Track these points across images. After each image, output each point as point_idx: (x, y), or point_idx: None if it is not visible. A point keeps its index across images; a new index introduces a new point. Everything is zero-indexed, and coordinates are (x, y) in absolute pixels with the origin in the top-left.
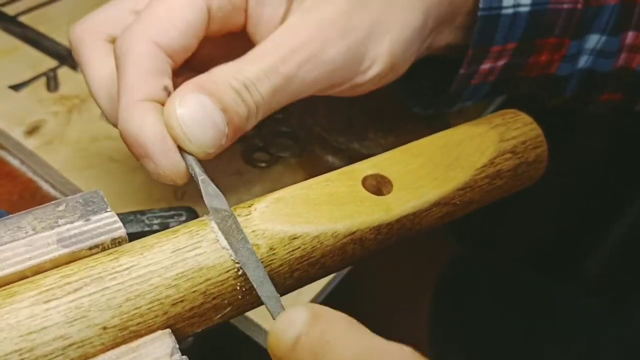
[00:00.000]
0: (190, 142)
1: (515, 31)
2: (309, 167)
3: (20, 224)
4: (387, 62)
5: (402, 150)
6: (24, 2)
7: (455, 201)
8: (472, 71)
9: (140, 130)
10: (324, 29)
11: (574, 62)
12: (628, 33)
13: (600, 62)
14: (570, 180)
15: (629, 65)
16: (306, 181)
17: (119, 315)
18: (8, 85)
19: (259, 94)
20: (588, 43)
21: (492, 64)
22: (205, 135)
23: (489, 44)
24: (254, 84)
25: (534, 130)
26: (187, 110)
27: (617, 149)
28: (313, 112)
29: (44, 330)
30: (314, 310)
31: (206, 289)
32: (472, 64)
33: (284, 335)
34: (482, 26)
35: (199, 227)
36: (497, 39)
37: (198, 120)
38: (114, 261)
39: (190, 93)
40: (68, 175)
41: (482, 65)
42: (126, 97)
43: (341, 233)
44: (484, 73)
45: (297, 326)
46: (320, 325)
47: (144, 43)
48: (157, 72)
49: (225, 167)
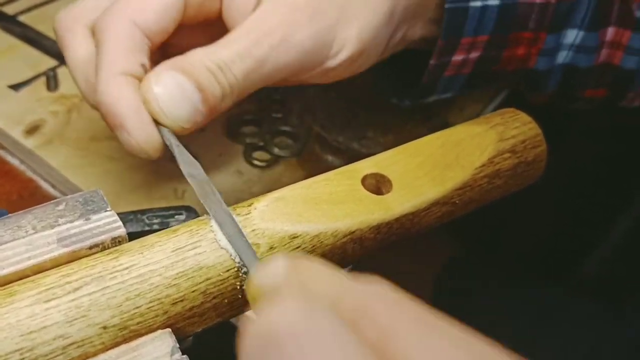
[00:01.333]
0: (166, 116)
1: (486, 24)
2: (308, 166)
3: (20, 223)
4: (355, 47)
5: (401, 150)
6: (23, 2)
7: (454, 200)
8: (444, 62)
9: (117, 101)
10: (294, 13)
11: (552, 57)
12: (608, 29)
13: (580, 58)
14: (569, 180)
15: (611, 61)
16: (306, 180)
17: (119, 314)
18: (7, 85)
19: (233, 75)
20: (566, 38)
21: (464, 56)
22: (180, 110)
23: (459, 36)
24: (227, 65)
25: (533, 129)
26: (163, 86)
27: (616, 149)
28: (313, 112)
29: (44, 330)
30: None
31: (206, 289)
32: (442, 55)
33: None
34: (449, 18)
35: (198, 226)
36: (466, 31)
37: (173, 96)
38: (114, 260)
39: (167, 71)
40: (68, 175)
41: (453, 56)
42: (104, 71)
43: (341, 232)
44: (456, 64)
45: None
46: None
47: (123, 22)
48: (134, 49)
49: (225, 167)
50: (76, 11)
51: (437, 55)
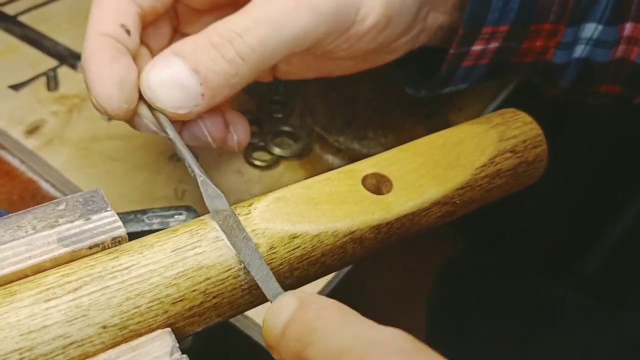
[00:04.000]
0: (157, 103)
1: (509, 14)
2: (309, 166)
3: (21, 223)
4: (382, 12)
5: (402, 150)
6: (23, 2)
7: (455, 200)
8: (463, 52)
9: (89, 59)
10: None
11: (570, 50)
12: (626, 24)
13: (597, 53)
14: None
15: (628, 57)
16: (306, 180)
17: (119, 314)
18: (8, 85)
19: (246, 45)
20: (584, 32)
21: (483, 46)
22: (169, 96)
23: (480, 25)
24: (240, 35)
25: (534, 129)
26: (153, 74)
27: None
28: (313, 112)
29: (44, 329)
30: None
31: (206, 288)
32: (462, 44)
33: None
34: (473, 6)
35: (198, 226)
36: (489, 20)
37: (162, 83)
38: (114, 260)
39: (162, 58)
40: (68, 175)
41: (473, 46)
42: (89, 29)
43: (341, 232)
44: (475, 55)
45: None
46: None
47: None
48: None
49: (226, 167)
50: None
51: (457, 45)
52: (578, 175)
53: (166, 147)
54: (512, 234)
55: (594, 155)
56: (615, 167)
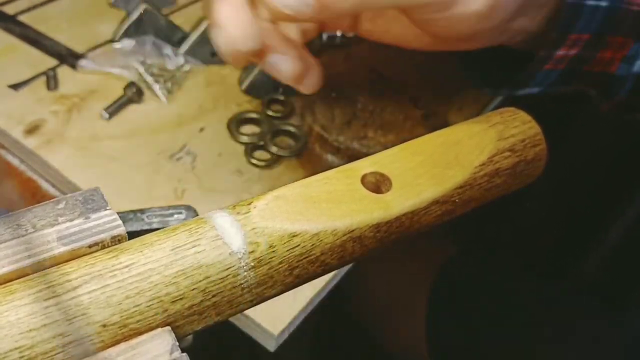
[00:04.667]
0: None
1: (593, 23)
2: (308, 166)
3: (20, 222)
4: (489, 2)
5: (401, 149)
6: (23, 1)
7: (454, 199)
8: (549, 56)
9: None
10: None
11: (631, 64)
12: None
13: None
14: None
15: None
16: (306, 179)
17: (119, 312)
18: (8, 85)
19: None
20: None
21: (565, 52)
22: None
23: (569, 31)
24: None
25: (533, 128)
26: None
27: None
28: (313, 112)
29: (44, 328)
30: None
31: (205, 287)
32: (550, 48)
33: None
34: (567, 12)
35: (198, 225)
36: (576, 27)
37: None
38: (114, 259)
39: None
40: (68, 174)
41: (558, 50)
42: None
43: (340, 231)
44: (557, 59)
45: None
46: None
47: None
48: None
49: (226, 167)
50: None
51: (547, 48)
52: (578, 174)
53: (166, 146)
54: (512, 234)
55: (595, 155)
56: (616, 166)
